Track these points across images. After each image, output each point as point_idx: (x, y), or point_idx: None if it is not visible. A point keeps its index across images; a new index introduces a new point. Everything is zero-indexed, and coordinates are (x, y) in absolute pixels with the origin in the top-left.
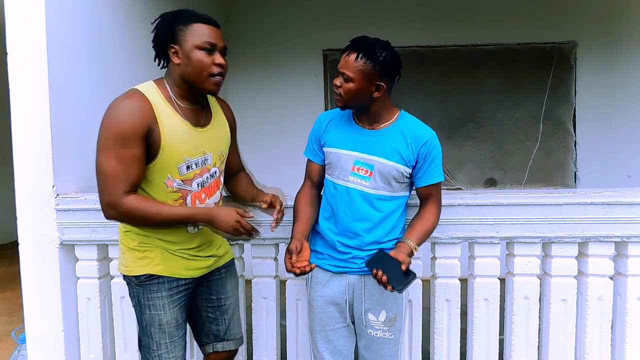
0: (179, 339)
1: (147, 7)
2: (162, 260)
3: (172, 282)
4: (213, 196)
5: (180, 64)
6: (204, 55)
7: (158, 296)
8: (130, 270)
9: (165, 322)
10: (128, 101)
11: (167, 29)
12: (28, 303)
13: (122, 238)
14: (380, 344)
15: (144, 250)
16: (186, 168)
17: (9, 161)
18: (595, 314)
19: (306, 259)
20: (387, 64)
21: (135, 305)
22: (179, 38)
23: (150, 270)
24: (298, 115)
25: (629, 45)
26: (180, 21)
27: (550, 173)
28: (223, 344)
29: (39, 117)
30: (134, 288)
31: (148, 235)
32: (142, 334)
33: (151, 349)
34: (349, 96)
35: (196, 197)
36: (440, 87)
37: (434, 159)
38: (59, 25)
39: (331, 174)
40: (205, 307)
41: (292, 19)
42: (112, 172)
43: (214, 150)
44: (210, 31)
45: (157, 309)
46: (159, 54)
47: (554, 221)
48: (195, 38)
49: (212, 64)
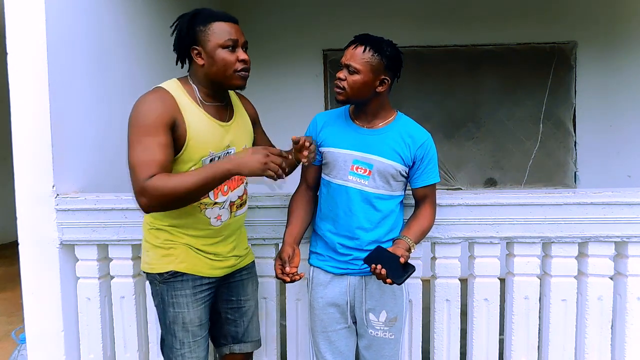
0: (202, 339)
1: (148, 7)
2: (186, 258)
3: (196, 280)
4: (236, 189)
5: (205, 64)
6: (227, 53)
7: (182, 294)
8: (153, 268)
9: (188, 320)
10: (151, 96)
11: (188, 31)
12: (28, 303)
13: (146, 236)
14: (381, 344)
15: (169, 248)
16: (210, 161)
17: (9, 161)
18: (595, 314)
19: (296, 265)
20: (393, 59)
21: (159, 304)
22: (201, 39)
23: (174, 267)
24: (298, 115)
25: (629, 45)
26: (200, 22)
27: (550, 173)
28: (240, 346)
29: (39, 117)
30: (158, 286)
31: (173, 232)
32: (165, 333)
33: (174, 348)
34: (353, 89)
35: (219, 190)
36: (440, 87)
37: (430, 160)
38: (59, 25)
39: (329, 174)
40: (225, 309)
41: (292, 19)
42: (137, 161)
43: (237, 144)
44: (230, 28)
45: (181, 306)
46: (181, 56)
47: (554, 221)
48: (217, 37)
49: (236, 61)
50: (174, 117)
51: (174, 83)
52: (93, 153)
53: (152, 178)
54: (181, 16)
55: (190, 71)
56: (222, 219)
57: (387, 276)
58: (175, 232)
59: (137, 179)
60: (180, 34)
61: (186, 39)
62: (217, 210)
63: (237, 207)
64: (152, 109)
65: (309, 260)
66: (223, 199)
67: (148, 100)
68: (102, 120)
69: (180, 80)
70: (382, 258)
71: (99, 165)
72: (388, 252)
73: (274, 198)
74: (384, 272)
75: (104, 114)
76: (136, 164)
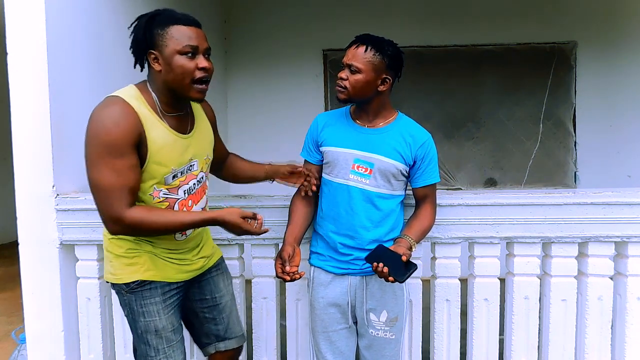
0: (177, 343)
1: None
2: (152, 265)
3: (165, 287)
4: (200, 202)
5: (162, 71)
6: (185, 60)
7: (151, 302)
8: (119, 278)
9: (161, 327)
10: (112, 108)
11: (145, 33)
12: (28, 303)
13: (107, 245)
14: (382, 344)
15: (133, 257)
16: (172, 177)
17: (9, 161)
18: (595, 314)
19: (297, 264)
20: (394, 58)
21: (128, 314)
22: (158, 43)
23: (141, 276)
24: (298, 115)
25: (629, 45)
26: (158, 24)
27: (550, 173)
28: (225, 343)
29: (39, 117)
30: (125, 296)
31: (135, 241)
32: (138, 342)
33: (149, 356)
34: (355, 88)
35: (183, 205)
36: (440, 87)
37: (431, 160)
38: (59, 25)
39: (330, 173)
40: (202, 308)
41: (292, 19)
42: (109, 186)
43: (200, 156)
44: (191, 32)
45: (151, 315)
46: (138, 59)
47: (554, 221)
48: (175, 42)
49: (195, 69)
50: (139, 134)
51: (133, 91)
52: None
53: (132, 209)
54: (140, 17)
55: (148, 77)
56: (186, 233)
57: (389, 274)
58: (138, 240)
59: (110, 205)
60: (136, 37)
61: (142, 42)
62: None
63: None
64: (118, 127)
65: (309, 260)
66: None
67: (111, 115)
68: None
69: (139, 86)
70: (383, 256)
71: None
72: (390, 251)
73: (274, 198)
74: (386, 270)
75: None
76: (108, 189)
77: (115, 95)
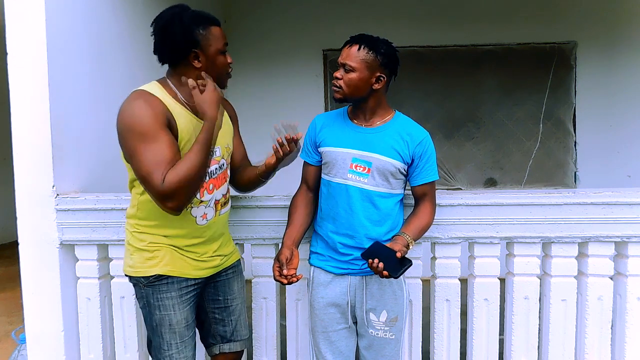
0: (189, 339)
1: (147, 7)
2: (171, 260)
3: (182, 282)
4: (220, 188)
5: (201, 67)
6: (223, 57)
7: (168, 296)
8: (137, 271)
9: (175, 322)
10: (139, 100)
11: (186, 34)
12: (28, 303)
13: (129, 238)
14: (382, 344)
15: (154, 250)
16: None
17: (9, 161)
18: (595, 314)
19: (294, 267)
20: (388, 56)
21: (144, 307)
22: (202, 43)
23: (159, 270)
24: (298, 115)
25: (629, 45)
26: (199, 25)
27: (550, 173)
28: (229, 345)
29: (39, 117)
30: (142, 289)
31: (157, 234)
32: (152, 335)
33: (162, 349)
34: (350, 87)
35: (205, 188)
36: (440, 87)
37: (429, 158)
38: (59, 25)
39: (328, 173)
40: (212, 308)
41: (292, 19)
42: (148, 169)
43: (221, 143)
44: (222, 32)
45: (167, 309)
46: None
47: (554, 221)
48: (217, 42)
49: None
50: (168, 118)
51: (155, 86)
52: (93, 153)
53: (164, 179)
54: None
55: (172, 72)
56: (207, 217)
57: (383, 269)
58: (160, 233)
59: (153, 186)
60: (176, 36)
61: (182, 42)
62: (202, 209)
63: (222, 205)
64: (147, 113)
65: (309, 260)
66: (209, 197)
67: (140, 105)
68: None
69: (160, 82)
70: (379, 253)
71: (99, 165)
72: (385, 248)
73: (274, 198)
74: (381, 266)
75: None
76: (148, 172)
77: (140, 89)
